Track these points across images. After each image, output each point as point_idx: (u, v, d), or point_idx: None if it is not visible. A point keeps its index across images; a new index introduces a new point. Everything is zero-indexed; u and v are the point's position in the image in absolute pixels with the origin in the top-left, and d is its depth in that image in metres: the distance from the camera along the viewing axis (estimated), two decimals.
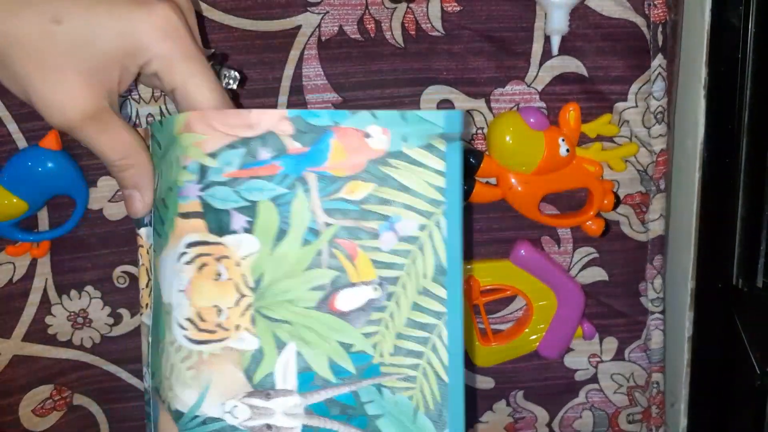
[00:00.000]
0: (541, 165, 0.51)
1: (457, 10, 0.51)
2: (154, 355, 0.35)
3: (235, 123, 0.33)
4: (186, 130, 0.33)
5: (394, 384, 0.34)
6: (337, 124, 0.33)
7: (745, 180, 0.52)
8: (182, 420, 0.33)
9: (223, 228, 0.33)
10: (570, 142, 0.52)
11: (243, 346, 0.33)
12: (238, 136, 0.33)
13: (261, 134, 0.33)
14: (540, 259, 0.54)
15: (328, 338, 0.33)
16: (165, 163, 0.35)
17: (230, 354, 0.33)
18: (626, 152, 0.54)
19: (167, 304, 0.34)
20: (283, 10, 0.50)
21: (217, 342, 0.33)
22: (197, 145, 0.33)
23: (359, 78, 0.51)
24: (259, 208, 0.33)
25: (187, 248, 0.34)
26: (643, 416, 0.59)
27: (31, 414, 0.54)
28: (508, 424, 0.59)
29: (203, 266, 0.33)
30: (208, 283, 0.33)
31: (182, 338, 0.33)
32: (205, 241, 0.33)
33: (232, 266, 0.33)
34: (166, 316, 0.34)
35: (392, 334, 0.34)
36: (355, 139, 0.33)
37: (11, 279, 0.52)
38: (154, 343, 0.35)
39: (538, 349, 0.56)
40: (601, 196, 0.53)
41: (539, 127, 0.51)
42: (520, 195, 0.52)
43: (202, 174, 0.33)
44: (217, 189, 0.33)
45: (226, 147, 0.33)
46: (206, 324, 0.33)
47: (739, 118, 0.52)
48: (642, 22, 0.52)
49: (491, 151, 0.52)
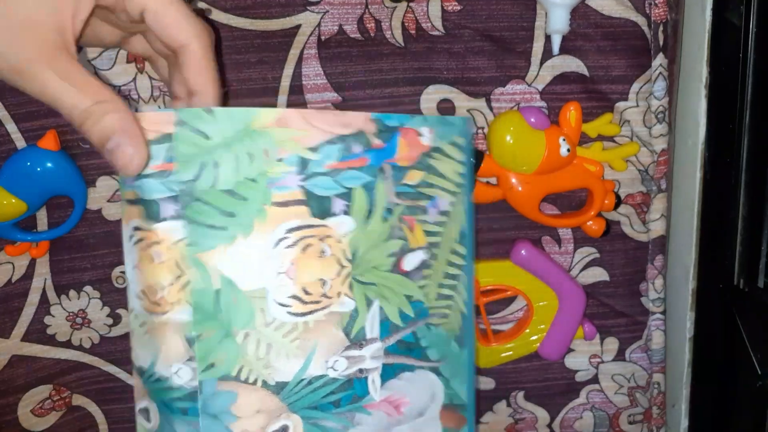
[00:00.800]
0: (541, 165, 0.51)
1: (458, 10, 0.51)
2: (220, 345, 0.37)
3: (334, 122, 0.38)
4: (280, 124, 0.37)
5: (436, 321, 0.43)
6: (402, 125, 0.41)
7: (746, 180, 0.52)
8: (287, 388, 0.38)
9: (325, 212, 0.38)
10: (571, 142, 0.52)
11: (343, 309, 0.39)
12: (335, 133, 0.38)
13: (354, 132, 0.39)
14: (541, 259, 0.54)
15: (399, 292, 0.41)
16: (227, 154, 0.36)
17: (333, 317, 0.38)
18: (627, 152, 0.53)
19: (255, 291, 0.37)
20: (282, 10, 0.50)
21: (322, 309, 0.38)
22: (295, 140, 0.37)
23: (359, 77, 0.51)
24: (354, 193, 0.39)
25: (288, 233, 0.37)
26: (644, 417, 0.59)
27: (30, 414, 0.54)
28: (509, 424, 0.59)
29: (307, 247, 0.38)
30: (313, 261, 0.38)
31: (284, 315, 0.37)
32: (309, 225, 0.38)
33: (335, 243, 0.39)
34: (253, 301, 0.37)
35: (435, 284, 0.43)
36: (413, 136, 0.41)
37: (10, 279, 0.52)
38: (220, 334, 0.37)
39: (538, 349, 0.56)
40: (602, 196, 0.53)
41: (540, 126, 0.51)
42: (520, 195, 0.52)
43: (302, 166, 0.37)
44: (319, 179, 0.38)
45: (325, 142, 0.38)
46: (312, 296, 0.38)
47: (740, 118, 0.52)
48: (643, 22, 0.52)
49: (491, 150, 0.52)
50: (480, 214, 0.54)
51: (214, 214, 0.36)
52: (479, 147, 0.53)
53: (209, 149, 0.36)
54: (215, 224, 0.36)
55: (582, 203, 0.55)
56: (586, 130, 0.53)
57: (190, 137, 0.35)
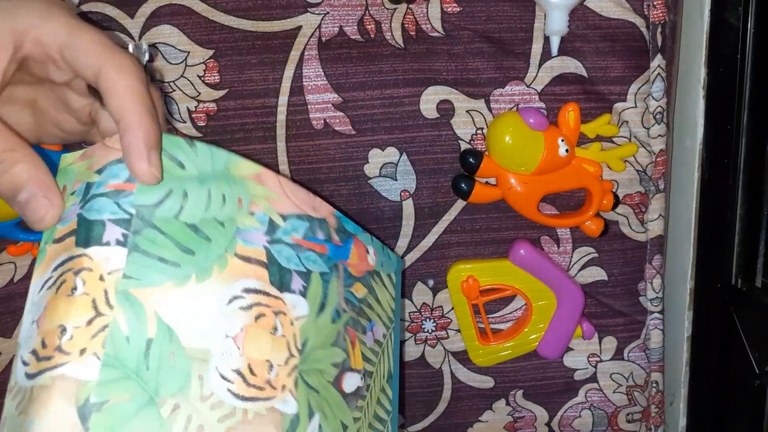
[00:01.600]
0: (540, 165, 0.51)
1: (457, 11, 0.51)
2: (135, 417, 0.28)
3: (305, 200, 0.37)
4: (258, 180, 0.35)
5: None
6: (356, 235, 0.41)
7: (744, 180, 0.53)
8: None
9: (284, 285, 0.35)
10: (569, 142, 0.52)
11: (286, 409, 0.33)
12: (304, 212, 0.37)
13: (319, 218, 0.38)
14: (539, 259, 0.54)
15: (336, 415, 0.36)
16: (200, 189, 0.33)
17: (273, 416, 0.32)
18: (626, 152, 0.54)
19: (197, 350, 0.30)
20: (283, 11, 0.50)
21: (264, 401, 0.32)
22: (269, 200, 0.35)
23: (359, 78, 0.51)
24: (312, 277, 0.36)
25: (245, 293, 0.33)
26: (642, 415, 0.59)
27: None
28: (508, 423, 0.59)
29: (260, 316, 0.33)
30: (264, 335, 0.33)
31: (225, 392, 0.31)
32: (266, 292, 0.34)
33: (287, 324, 0.34)
34: (193, 364, 0.30)
35: (366, 424, 0.39)
36: (362, 251, 0.41)
37: (12, 279, 0.52)
38: (139, 401, 0.28)
39: (537, 348, 0.56)
40: (601, 196, 0.53)
41: (539, 127, 0.51)
42: (519, 195, 0.52)
43: (271, 228, 0.35)
44: (283, 248, 0.35)
45: (294, 215, 0.36)
46: (256, 379, 0.32)
47: (738, 118, 0.52)
48: (641, 23, 0.52)
49: (491, 151, 0.52)
50: (480, 214, 0.54)
51: (169, 246, 0.31)
52: (478, 147, 0.53)
53: (180, 178, 0.32)
54: (168, 258, 0.31)
55: (580, 203, 0.55)
56: (585, 130, 0.53)
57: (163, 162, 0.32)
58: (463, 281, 0.54)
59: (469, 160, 0.51)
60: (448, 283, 0.55)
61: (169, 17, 0.50)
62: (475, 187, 0.52)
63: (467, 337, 0.56)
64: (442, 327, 0.57)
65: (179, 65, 0.50)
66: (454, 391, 0.58)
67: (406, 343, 0.56)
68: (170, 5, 0.50)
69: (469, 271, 0.54)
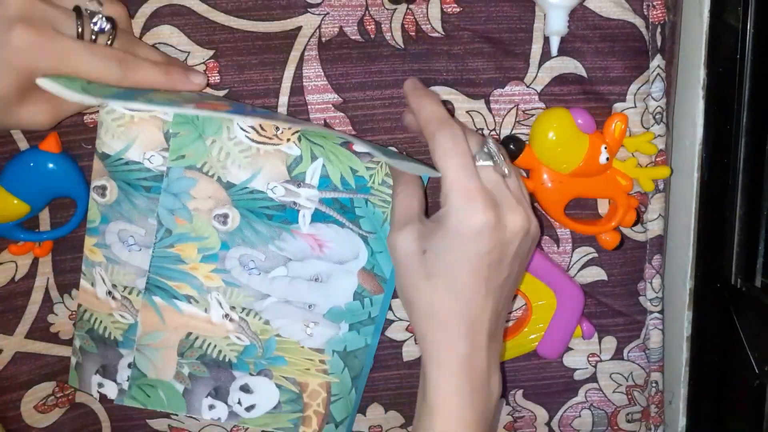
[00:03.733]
0: (579, 167, 0.51)
1: (457, 12, 0.51)
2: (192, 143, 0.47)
3: None
4: None
5: (376, 202, 0.50)
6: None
7: (743, 180, 0.53)
8: (234, 188, 0.48)
9: None
10: (610, 152, 0.52)
11: (289, 151, 0.48)
12: None
13: None
14: (539, 259, 0.54)
15: (344, 162, 0.49)
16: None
17: (279, 154, 0.48)
18: (659, 174, 0.54)
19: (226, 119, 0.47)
20: (283, 12, 0.50)
21: (272, 145, 0.48)
22: None
23: (359, 79, 0.52)
24: None
25: None
26: (642, 415, 0.60)
27: (34, 410, 0.54)
28: (508, 423, 0.59)
29: None
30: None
31: (243, 137, 0.47)
32: None
33: None
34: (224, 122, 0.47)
35: (381, 174, 0.49)
36: None
37: (13, 278, 0.52)
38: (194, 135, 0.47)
39: (537, 348, 0.56)
40: (626, 210, 0.53)
41: (586, 129, 0.51)
42: (549, 192, 0.52)
43: None
44: None
45: None
46: (266, 133, 0.48)
47: (737, 119, 0.52)
48: (641, 23, 0.52)
49: (533, 142, 0.51)
50: None
51: None
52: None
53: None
54: None
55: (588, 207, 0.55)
56: (625, 143, 0.53)
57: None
58: None
59: (510, 146, 0.51)
60: None
61: (169, 17, 0.50)
62: None
63: None
64: None
65: None
66: None
67: (406, 343, 0.57)
68: (170, 5, 0.50)
69: None
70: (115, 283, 0.50)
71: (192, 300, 0.50)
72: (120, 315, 0.51)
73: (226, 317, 0.51)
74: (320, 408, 0.53)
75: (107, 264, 0.50)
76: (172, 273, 0.50)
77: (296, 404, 0.53)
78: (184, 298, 0.50)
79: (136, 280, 0.50)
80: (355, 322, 0.52)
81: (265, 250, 0.50)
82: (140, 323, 0.51)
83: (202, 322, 0.51)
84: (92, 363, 0.52)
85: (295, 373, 0.52)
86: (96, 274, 0.50)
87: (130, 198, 0.48)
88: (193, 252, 0.50)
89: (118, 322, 0.51)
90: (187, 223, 0.49)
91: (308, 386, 0.52)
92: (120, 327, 0.51)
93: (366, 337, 0.52)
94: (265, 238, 0.49)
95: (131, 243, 0.50)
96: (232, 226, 0.49)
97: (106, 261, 0.50)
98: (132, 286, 0.50)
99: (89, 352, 0.52)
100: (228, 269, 0.50)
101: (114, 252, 0.50)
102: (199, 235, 0.49)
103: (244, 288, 0.50)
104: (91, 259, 0.50)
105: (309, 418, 0.53)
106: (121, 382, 0.52)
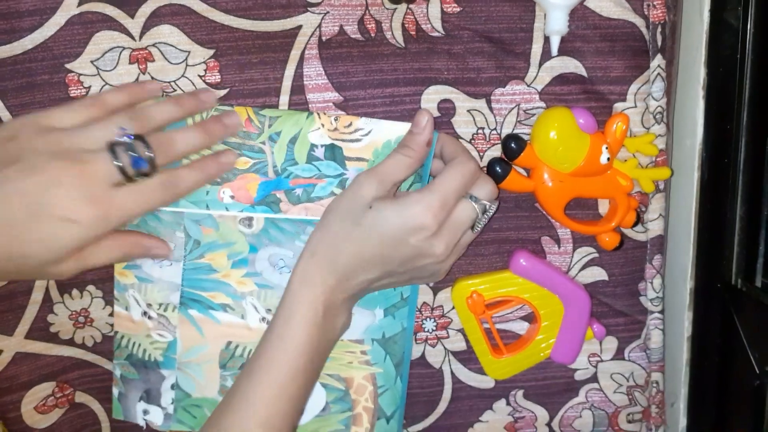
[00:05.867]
0: (580, 167, 0.51)
1: (457, 11, 0.51)
2: None
3: None
4: None
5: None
6: None
7: (743, 180, 0.53)
8: None
9: None
10: (611, 152, 0.52)
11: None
12: None
13: None
14: (540, 267, 0.54)
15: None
16: None
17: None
18: (659, 175, 0.54)
19: None
20: (283, 11, 0.50)
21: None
22: None
23: (360, 77, 0.52)
24: None
25: None
26: (642, 415, 0.59)
27: (33, 411, 0.54)
28: (508, 423, 0.59)
29: None
30: None
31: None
32: None
33: None
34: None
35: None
36: None
37: None
38: None
39: (551, 355, 0.56)
40: (625, 211, 0.53)
41: (588, 129, 0.51)
42: (551, 192, 0.52)
43: None
44: None
45: None
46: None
47: (737, 118, 0.52)
48: (641, 23, 0.52)
49: (534, 141, 0.52)
50: None
51: None
52: (478, 147, 0.53)
53: None
54: None
55: (589, 207, 0.55)
56: (627, 144, 0.53)
57: None
58: (467, 297, 0.54)
59: (512, 144, 0.51)
60: (453, 301, 0.55)
61: (169, 17, 0.50)
62: (511, 173, 0.51)
63: (480, 353, 0.56)
64: (443, 326, 0.57)
65: (180, 65, 0.50)
66: (454, 391, 0.58)
67: None
68: (170, 5, 0.50)
69: (473, 287, 0.54)
70: (150, 302, 0.51)
71: (228, 308, 0.50)
72: (158, 334, 0.51)
73: (263, 321, 0.51)
74: (369, 403, 0.52)
75: (139, 284, 0.51)
76: (206, 283, 0.50)
77: (344, 402, 0.51)
78: (220, 307, 0.50)
79: (170, 295, 0.50)
80: (389, 305, 0.52)
81: (293, 247, 0.50)
82: (179, 339, 0.51)
83: (241, 329, 0.51)
84: (135, 390, 0.52)
85: (338, 369, 0.51)
86: (129, 297, 0.51)
87: (155, 213, 0.49)
88: (223, 259, 0.50)
89: (157, 342, 0.51)
90: (213, 231, 0.49)
91: (353, 381, 0.52)
92: (159, 347, 0.51)
93: (402, 320, 0.52)
94: (291, 234, 0.50)
95: (161, 259, 0.50)
96: (257, 228, 0.50)
97: (138, 281, 0.50)
98: (167, 302, 0.50)
99: (131, 379, 0.52)
100: (259, 272, 0.50)
101: (145, 271, 0.50)
102: (227, 242, 0.50)
103: (277, 288, 0.50)
104: (123, 282, 0.50)
105: (359, 416, 0.52)
106: (165, 406, 0.52)
